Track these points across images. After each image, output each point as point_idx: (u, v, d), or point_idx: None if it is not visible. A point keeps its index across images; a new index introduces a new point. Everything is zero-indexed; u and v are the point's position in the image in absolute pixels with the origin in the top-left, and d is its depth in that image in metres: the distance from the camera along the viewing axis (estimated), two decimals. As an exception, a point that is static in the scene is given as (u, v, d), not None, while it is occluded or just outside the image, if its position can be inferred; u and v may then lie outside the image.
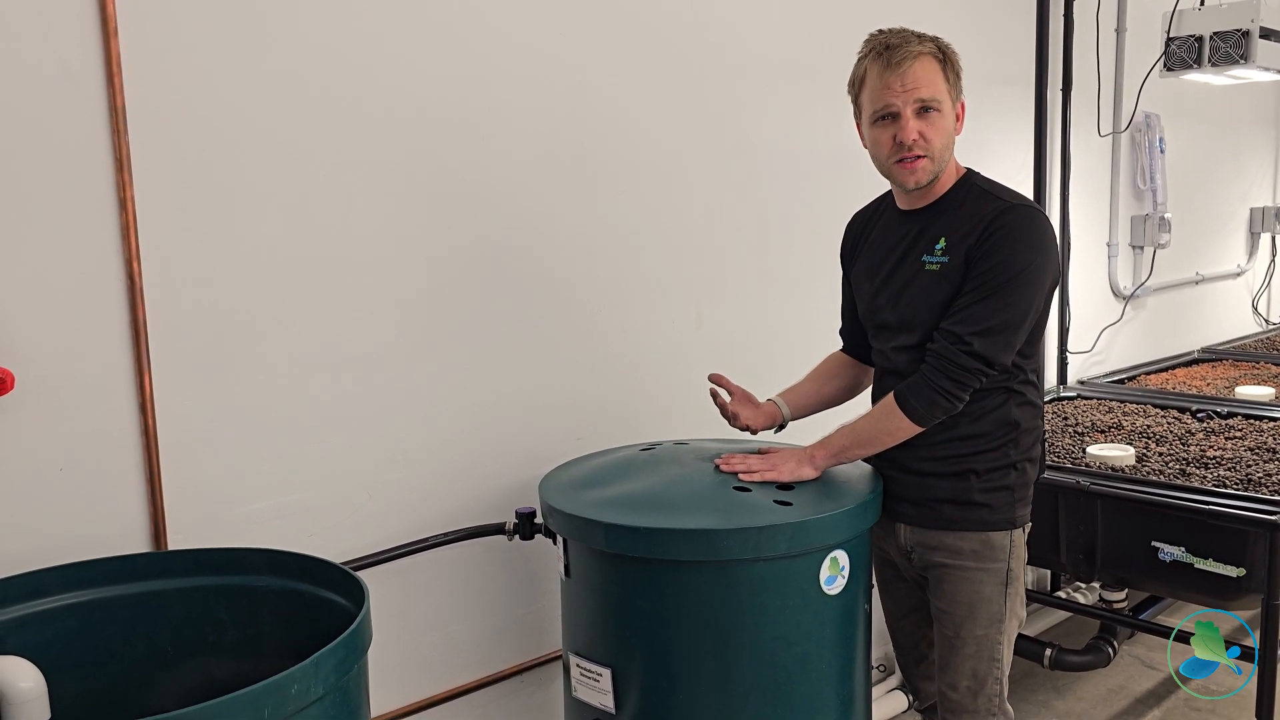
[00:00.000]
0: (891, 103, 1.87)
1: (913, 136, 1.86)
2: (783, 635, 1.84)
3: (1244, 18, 3.32)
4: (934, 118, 1.88)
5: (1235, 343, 4.69)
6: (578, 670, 1.95)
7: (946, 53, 1.91)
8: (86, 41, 1.67)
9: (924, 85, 1.86)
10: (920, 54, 1.86)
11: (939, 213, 1.96)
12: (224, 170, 1.83)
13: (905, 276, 1.98)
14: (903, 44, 1.86)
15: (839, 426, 2.01)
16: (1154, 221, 4.17)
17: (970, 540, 1.97)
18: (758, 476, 1.92)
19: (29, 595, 1.57)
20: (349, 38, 1.96)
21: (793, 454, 1.97)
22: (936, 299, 1.92)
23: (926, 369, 1.89)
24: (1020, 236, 1.86)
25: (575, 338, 2.39)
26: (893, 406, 1.92)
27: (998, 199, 1.92)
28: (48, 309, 1.67)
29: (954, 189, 1.97)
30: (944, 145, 1.90)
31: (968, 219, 1.91)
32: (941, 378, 1.87)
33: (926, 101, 1.86)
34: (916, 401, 1.90)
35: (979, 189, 1.96)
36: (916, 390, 1.90)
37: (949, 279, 1.90)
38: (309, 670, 1.29)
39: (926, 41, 1.89)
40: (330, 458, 2.01)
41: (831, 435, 2.00)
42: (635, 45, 2.42)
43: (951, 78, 1.91)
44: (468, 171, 2.16)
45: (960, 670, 2.00)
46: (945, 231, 1.93)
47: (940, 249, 1.93)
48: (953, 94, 1.91)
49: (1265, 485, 2.55)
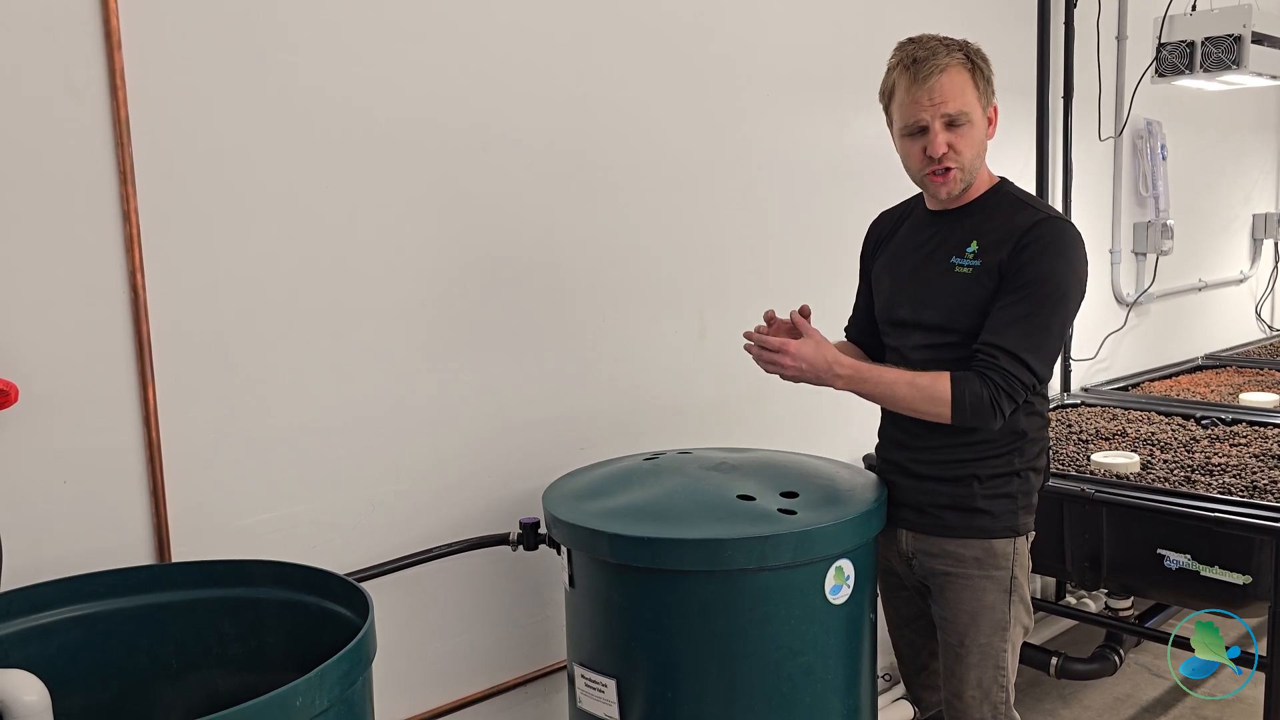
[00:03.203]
0: (920, 117, 1.87)
1: (942, 150, 1.87)
2: (788, 645, 1.83)
3: (1236, 23, 3.29)
4: (964, 129, 1.88)
5: (1239, 349, 4.68)
6: (582, 681, 1.95)
7: (975, 60, 1.90)
8: (90, 54, 1.67)
9: (952, 99, 1.86)
10: (948, 66, 1.86)
11: (969, 215, 1.96)
12: (227, 181, 1.83)
13: (930, 276, 1.97)
14: (930, 56, 1.86)
15: (879, 366, 1.93)
16: (1156, 228, 4.17)
17: (972, 548, 1.97)
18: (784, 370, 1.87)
19: (32, 608, 1.57)
20: (353, 50, 1.96)
21: (815, 357, 1.86)
22: (967, 302, 1.91)
23: (991, 383, 1.84)
24: (1062, 251, 1.87)
25: (579, 348, 2.39)
26: (943, 390, 1.84)
27: (1032, 209, 1.94)
28: (51, 321, 1.67)
29: (986, 194, 1.97)
30: (974, 155, 1.91)
31: (1001, 226, 1.91)
32: (1003, 395, 1.84)
33: (954, 115, 1.86)
34: (970, 400, 1.83)
35: (1012, 197, 1.97)
36: (975, 392, 1.83)
37: (981, 283, 1.90)
38: (313, 683, 1.28)
39: (955, 51, 1.88)
40: (334, 469, 2.01)
41: (869, 368, 1.91)
42: (637, 57, 2.43)
43: (981, 85, 1.90)
44: (471, 183, 2.16)
45: (965, 679, 1.99)
46: (977, 235, 1.93)
47: (972, 252, 1.92)
48: (983, 101, 1.91)
49: (1270, 492, 2.54)
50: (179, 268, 1.79)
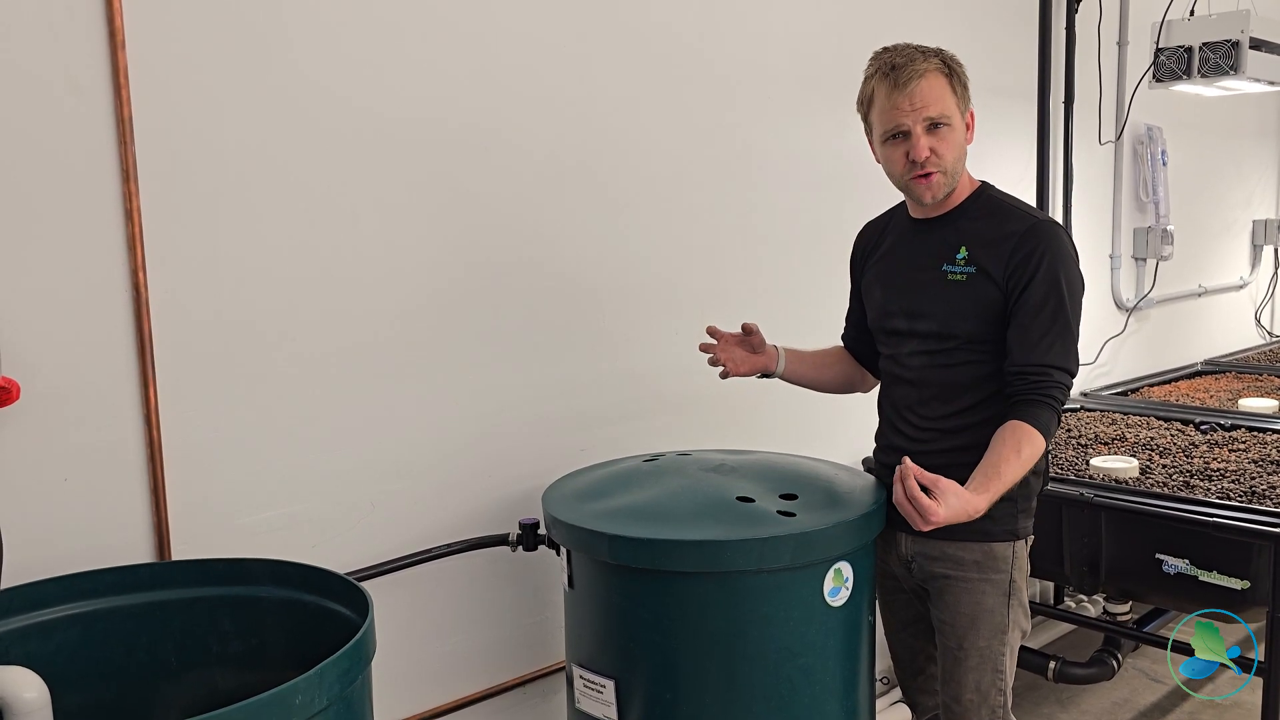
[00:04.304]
0: (901, 122, 1.88)
1: (924, 154, 1.88)
2: (786, 647, 1.83)
3: (1233, 28, 3.28)
4: (944, 133, 1.89)
5: (1238, 355, 4.68)
6: (581, 682, 1.95)
7: (952, 66, 1.92)
8: (94, 53, 1.68)
9: (932, 103, 1.87)
10: (926, 71, 1.87)
11: (955, 221, 1.98)
12: (230, 181, 1.84)
13: (923, 283, 1.98)
14: (908, 63, 1.87)
15: (979, 473, 1.84)
16: (1156, 234, 4.17)
17: (972, 551, 1.97)
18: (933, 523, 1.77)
19: (32, 606, 1.57)
20: (355, 52, 1.97)
21: (960, 507, 1.77)
22: (963, 308, 1.93)
23: (1037, 392, 1.87)
24: (1061, 253, 1.90)
25: (578, 349, 2.39)
26: (1029, 430, 1.85)
27: (1020, 212, 1.96)
28: (53, 320, 1.67)
29: (969, 199, 1.99)
30: (956, 158, 1.92)
31: (990, 231, 1.93)
32: (1054, 401, 1.88)
33: (935, 119, 1.88)
34: (1048, 418, 1.88)
35: (996, 200, 1.99)
36: (1039, 411, 1.87)
37: (975, 288, 1.92)
38: (313, 681, 1.29)
39: (931, 57, 1.90)
40: (334, 468, 2.01)
41: (986, 481, 1.82)
42: (638, 63, 2.43)
43: (959, 90, 1.92)
44: (473, 184, 2.17)
45: (963, 683, 1.99)
46: (965, 241, 1.95)
47: (962, 258, 1.94)
48: (961, 106, 1.93)
49: (1269, 498, 2.55)
50: (181, 267, 1.79)
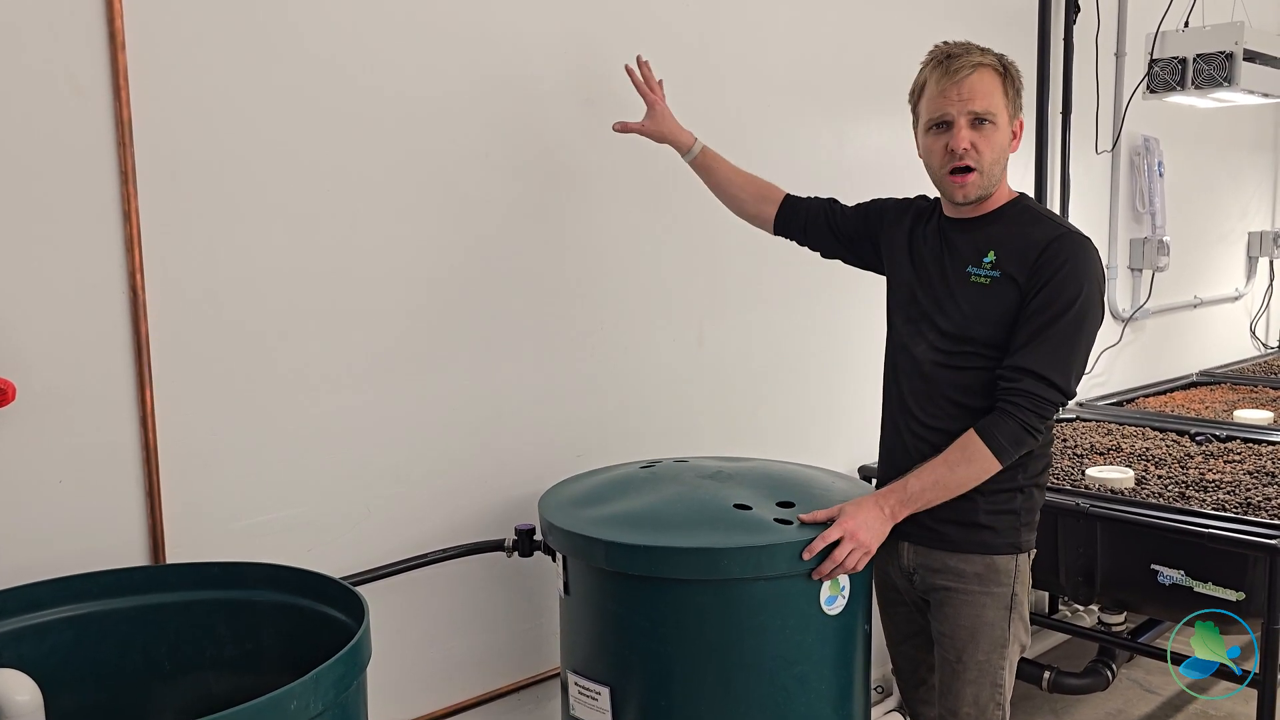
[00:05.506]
0: (947, 111, 1.87)
1: (964, 145, 1.86)
2: (782, 655, 1.83)
3: (1228, 40, 3.28)
4: (988, 130, 1.87)
5: (1233, 366, 4.69)
6: (576, 688, 1.94)
7: (1009, 68, 1.91)
8: (94, 54, 1.68)
9: (980, 97, 1.86)
10: (980, 65, 1.87)
11: (987, 225, 1.96)
12: (228, 183, 1.83)
13: (951, 283, 1.96)
14: (964, 54, 1.87)
15: (911, 473, 1.90)
16: (1153, 244, 4.18)
17: (974, 563, 1.96)
18: (864, 550, 1.81)
19: (26, 608, 1.57)
20: (354, 53, 1.97)
21: (869, 515, 1.83)
22: (984, 311, 1.91)
23: (1011, 405, 1.84)
24: (1081, 266, 1.86)
25: (576, 354, 2.39)
26: (977, 445, 1.85)
27: (1051, 223, 1.94)
28: (50, 321, 1.67)
29: (1005, 206, 1.97)
30: (994, 160, 1.89)
31: (1018, 238, 1.91)
32: (1031, 415, 1.84)
33: (981, 113, 1.86)
34: (1005, 438, 1.84)
35: (1032, 211, 1.97)
36: (1002, 426, 1.84)
37: (998, 294, 1.90)
38: (308, 686, 1.28)
39: (989, 55, 1.89)
40: (330, 472, 2.01)
41: (905, 482, 1.88)
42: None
43: (1010, 93, 1.90)
44: (471, 188, 2.17)
45: (962, 696, 1.99)
46: (994, 245, 1.93)
47: (989, 262, 1.92)
48: (1010, 110, 1.91)
49: (1264, 509, 2.55)
50: (178, 269, 1.79)
